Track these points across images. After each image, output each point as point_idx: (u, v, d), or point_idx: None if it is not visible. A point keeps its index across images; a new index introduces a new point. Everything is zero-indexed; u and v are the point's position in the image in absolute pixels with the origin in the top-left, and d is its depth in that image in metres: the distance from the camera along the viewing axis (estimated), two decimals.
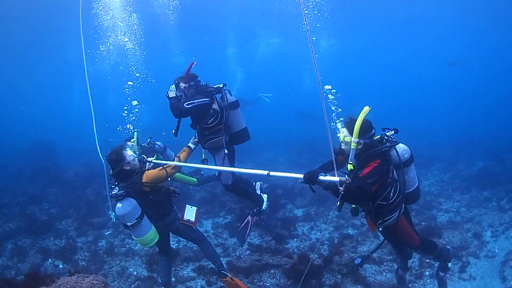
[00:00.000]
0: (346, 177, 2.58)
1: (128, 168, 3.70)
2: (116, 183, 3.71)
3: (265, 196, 5.20)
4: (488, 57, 27.03)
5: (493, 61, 27.63)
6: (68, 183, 10.18)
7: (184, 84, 4.30)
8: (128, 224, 3.58)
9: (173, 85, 4.36)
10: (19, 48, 17.66)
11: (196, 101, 4.23)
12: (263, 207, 5.10)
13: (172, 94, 4.28)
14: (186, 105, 4.18)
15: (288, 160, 11.22)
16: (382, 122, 3.26)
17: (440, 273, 4.12)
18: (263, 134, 13.76)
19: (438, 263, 4.18)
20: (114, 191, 3.58)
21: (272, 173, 2.78)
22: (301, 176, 2.67)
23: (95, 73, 16.70)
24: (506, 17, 17.86)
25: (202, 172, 7.12)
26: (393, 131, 3.24)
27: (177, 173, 6.17)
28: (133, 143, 5.58)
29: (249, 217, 5.13)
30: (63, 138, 18.56)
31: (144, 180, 3.65)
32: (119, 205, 3.56)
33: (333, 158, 2.79)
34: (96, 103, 4.51)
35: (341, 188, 2.62)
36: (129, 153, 3.78)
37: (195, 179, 6.61)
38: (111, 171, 3.75)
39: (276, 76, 31.28)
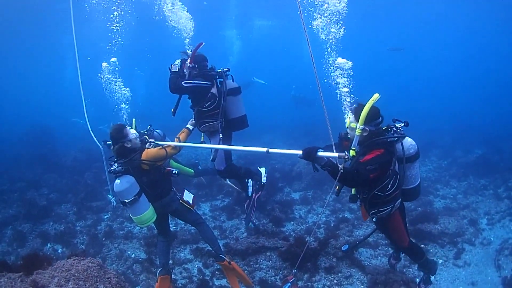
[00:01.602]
0: (345, 152, 2.56)
1: (129, 145, 3.70)
2: (116, 159, 3.72)
3: (263, 170, 5.19)
4: (489, 46, 26.62)
5: (494, 50, 27.23)
6: (66, 168, 10.21)
7: (189, 64, 4.26)
8: (126, 201, 3.59)
9: (179, 60, 4.31)
10: (11, 28, 17.10)
11: (195, 81, 4.20)
12: (262, 181, 5.08)
13: (175, 68, 4.24)
14: (184, 83, 4.16)
15: (287, 144, 11.23)
16: (381, 109, 3.20)
17: (422, 285, 4.01)
18: (261, 118, 13.63)
19: (422, 274, 4.09)
20: (113, 167, 3.59)
21: (271, 150, 2.88)
22: (300, 152, 2.71)
23: (85, 39, 15.79)
24: None
25: (199, 166, 7.18)
26: (403, 124, 3.18)
27: (174, 163, 6.21)
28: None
29: (253, 195, 5.06)
30: (61, 123, 18.39)
31: (143, 157, 3.66)
32: (117, 181, 3.58)
33: (332, 142, 2.77)
34: (88, 81, 4.38)
35: (340, 166, 2.61)
36: (132, 131, 3.78)
37: (192, 171, 6.63)
38: (112, 147, 3.75)
39: (274, 60, 30.87)
